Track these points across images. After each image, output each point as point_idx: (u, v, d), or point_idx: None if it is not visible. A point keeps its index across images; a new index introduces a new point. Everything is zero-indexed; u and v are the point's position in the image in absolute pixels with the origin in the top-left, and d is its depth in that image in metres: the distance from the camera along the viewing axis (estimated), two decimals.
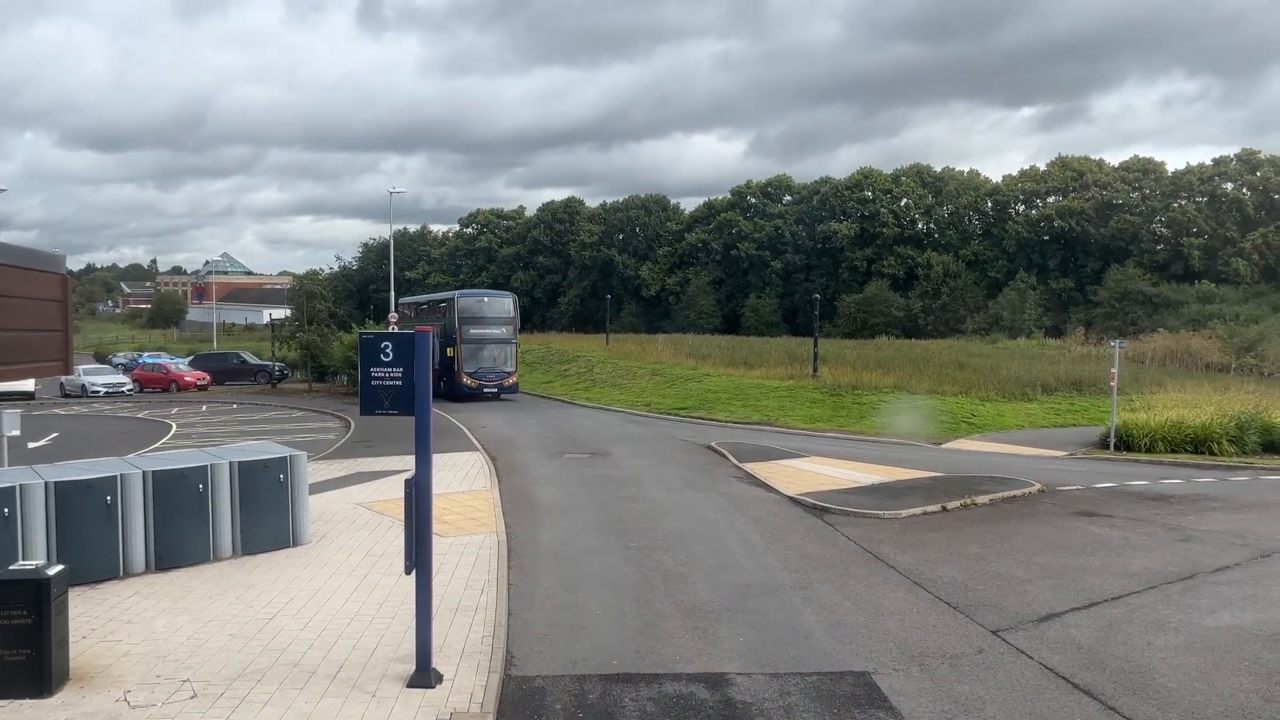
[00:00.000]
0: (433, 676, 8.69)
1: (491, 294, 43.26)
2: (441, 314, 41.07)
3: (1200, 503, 18.04)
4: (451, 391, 37.87)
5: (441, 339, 37.49)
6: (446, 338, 38.27)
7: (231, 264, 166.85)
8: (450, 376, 38.34)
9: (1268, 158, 73.10)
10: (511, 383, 40.17)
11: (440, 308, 42.18)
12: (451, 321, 39.12)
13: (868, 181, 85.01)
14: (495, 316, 40.11)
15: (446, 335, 38.33)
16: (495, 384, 39.18)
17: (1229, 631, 10.54)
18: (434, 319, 41.01)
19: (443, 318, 40.25)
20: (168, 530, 12.55)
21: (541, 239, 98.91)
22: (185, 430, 31.33)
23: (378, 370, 8.80)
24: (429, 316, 42.89)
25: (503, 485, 19.46)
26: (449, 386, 38.00)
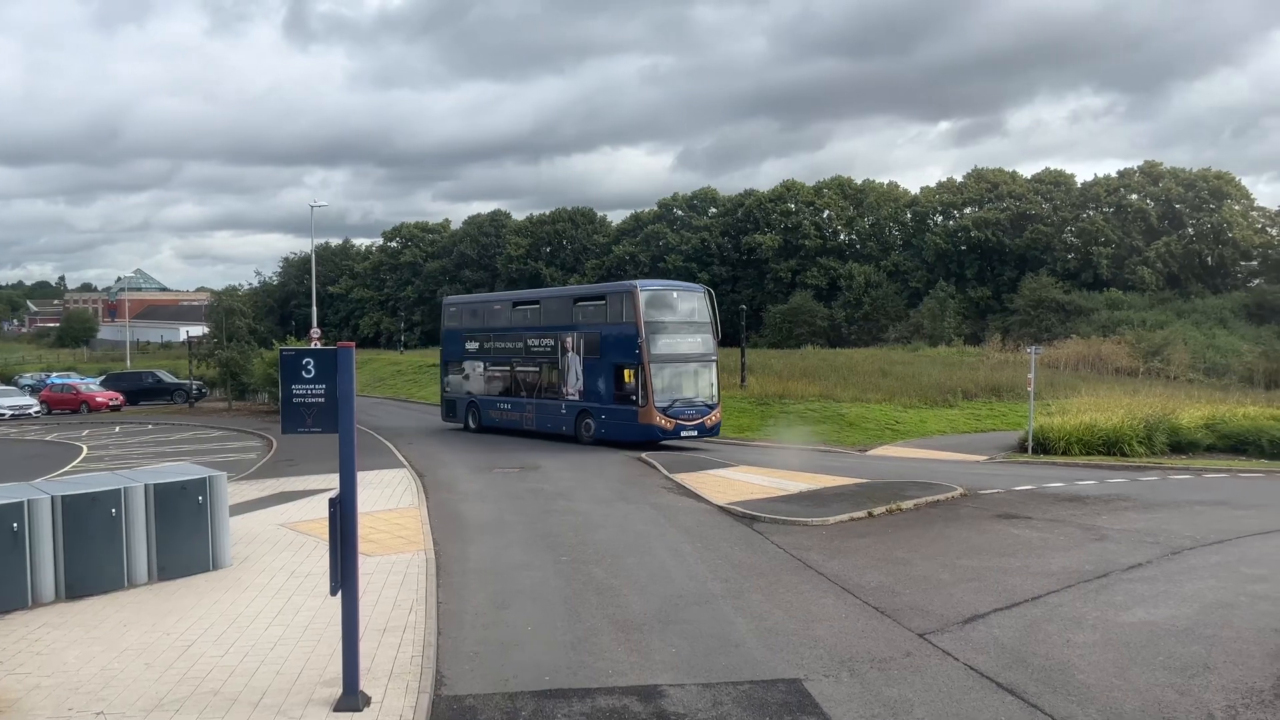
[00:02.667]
0: (360, 699, 8.51)
1: (682, 287, 29.19)
2: (591, 316, 28.13)
3: (1113, 503, 18.65)
4: (629, 433, 26.21)
5: (591, 355, 27.38)
6: (611, 352, 26.79)
7: (145, 280, 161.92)
8: (625, 411, 26.31)
9: (1169, 170, 76.23)
10: (715, 420, 27.51)
11: (595, 306, 28.47)
12: (626, 329, 26.27)
13: (790, 194, 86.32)
14: (691, 321, 27.47)
15: (610, 347, 26.80)
16: (696, 422, 26.58)
17: (1143, 627, 10.90)
18: (563, 320, 29.08)
19: (596, 322, 27.70)
20: (79, 557, 12.08)
21: (468, 252, 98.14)
22: (97, 453, 30.24)
23: (299, 387, 8.61)
24: (551, 317, 29.89)
25: (430, 502, 19.20)
26: (623, 425, 26.36)
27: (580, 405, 27.84)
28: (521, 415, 30.10)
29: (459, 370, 33.20)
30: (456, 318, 34.27)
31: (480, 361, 32.17)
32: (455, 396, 33.21)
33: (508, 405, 30.86)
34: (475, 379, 32.45)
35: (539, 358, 29.48)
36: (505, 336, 31.10)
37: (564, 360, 28.29)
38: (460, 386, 33.05)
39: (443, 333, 34.43)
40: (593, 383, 27.43)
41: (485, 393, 31.96)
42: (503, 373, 31.25)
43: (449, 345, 33.69)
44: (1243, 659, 9.85)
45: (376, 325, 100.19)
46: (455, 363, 33.35)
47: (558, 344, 28.52)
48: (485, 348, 31.83)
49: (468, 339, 32.47)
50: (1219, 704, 8.74)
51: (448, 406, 33.64)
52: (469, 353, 32.48)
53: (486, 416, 31.68)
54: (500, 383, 31.45)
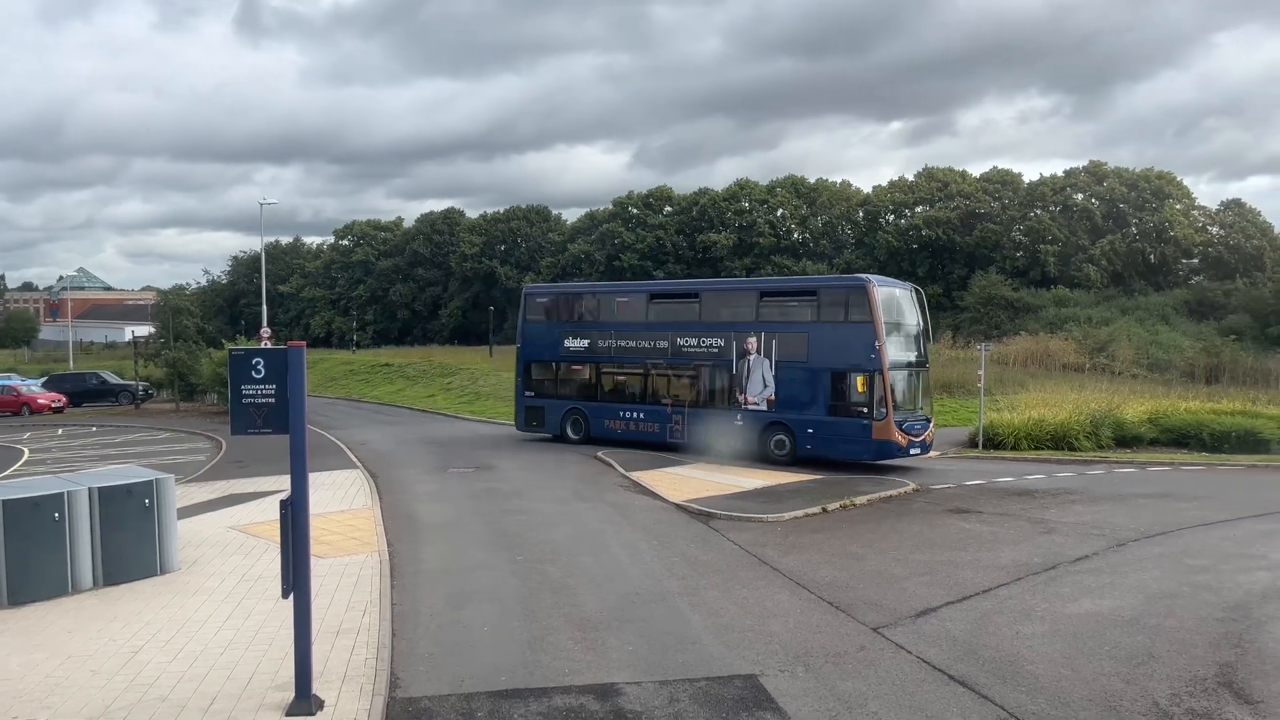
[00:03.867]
0: (313, 703, 8.40)
1: (900, 284, 25.14)
2: (791, 314, 24.39)
3: (1061, 496, 19.02)
4: (856, 449, 22.50)
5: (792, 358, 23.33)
6: (828, 355, 22.72)
7: (89, 279, 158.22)
8: (850, 425, 22.37)
9: (1113, 170, 77.89)
10: (933, 436, 24.33)
11: (800, 303, 24.52)
12: (855, 330, 22.42)
13: (744, 193, 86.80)
14: (913, 322, 24.18)
15: (827, 350, 22.78)
16: (920, 438, 23.33)
17: (1090, 618, 11.13)
18: (740, 317, 24.78)
19: (801, 320, 23.85)
20: (20, 563, 11.77)
21: (421, 251, 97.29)
22: (39, 456, 29.51)
23: (249, 388, 8.49)
24: (718, 313, 25.61)
25: (384, 503, 19.01)
26: (847, 441, 22.50)
27: (770, 417, 23.57)
28: (663, 427, 25.71)
29: (551, 372, 28.54)
30: (548, 310, 29.45)
31: (589, 363, 27.65)
32: (545, 403, 28.39)
33: (638, 414, 26.34)
34: (581, 383, 27.91)
35: (696, 360, 25.07)
36: (635, 334, 26.58)
37: (742, 364, 24.00)
38: (554, 391, 28.35)
39: (523, 327, 29.41)
40: (795, 391, 23.23)
41: (598, 399, 27.27)
42: (630, 376, 26.93)
43: (534, 342, 28.93)
44: (1186, 648, 10.10)
45: (328, 325, 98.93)
46: (545, 363, 28.65)
47: (731, 345, 24.28)
48: (601, 347, 27.26)
49: (569, 336, 27.88)
50: (1163, 692, 8.95)
51: (531, 414, 28.78)
52: (571, 352, 27.88)
53: (599, 427, 27.07)
54: (625, 388, 27.10)
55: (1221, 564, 13.56)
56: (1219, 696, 8.86)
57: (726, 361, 24.35)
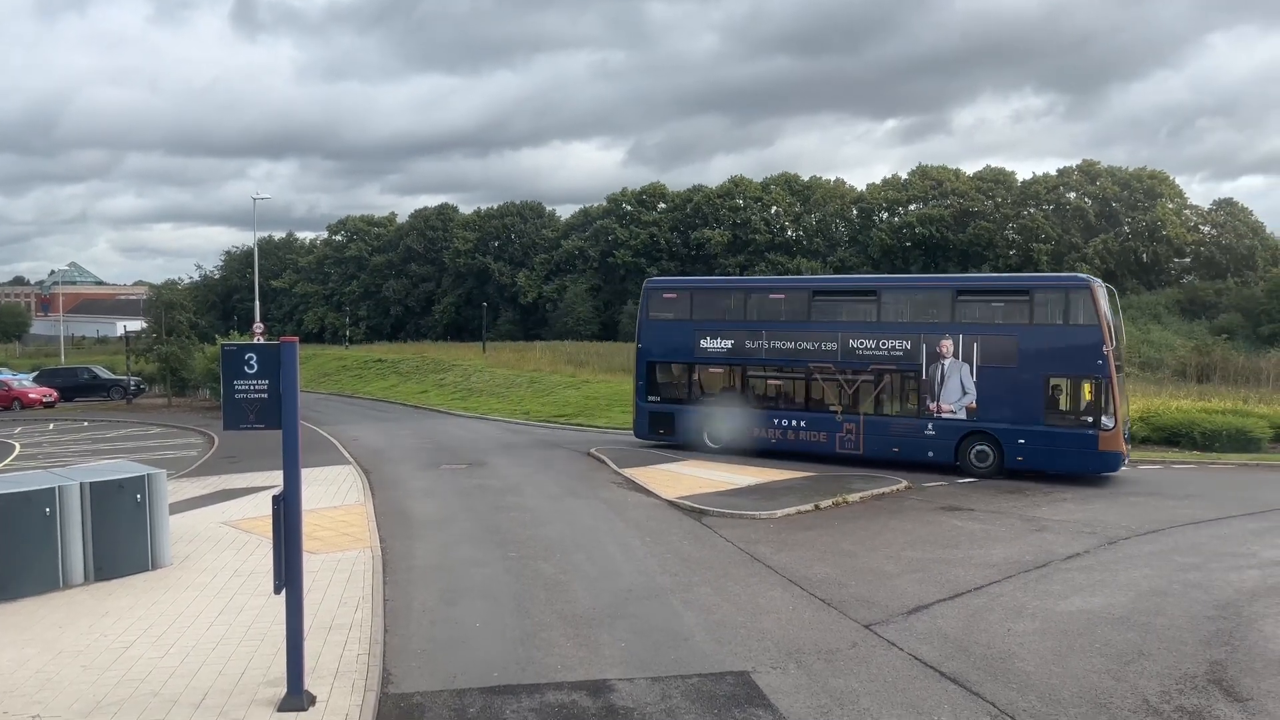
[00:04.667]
0: (305, 699, 8.40)
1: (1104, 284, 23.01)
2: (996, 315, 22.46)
3: (1053, 494, 19.08)
4: (1079, 462, 20.75)
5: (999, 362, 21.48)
6: (1044, 360, 21.06)
7: (80, 273, 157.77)
8: (1071, 436, 20.68)
9: (1106, 169, 78.17)
10: None
11: (1008, 303, 22.51)
12: (1079, 332, 20.90)
13: (739, 190, 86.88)
14: (1118, 326, 23.10)
15: (1043, 355, 21.10)
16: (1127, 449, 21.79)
17: (1080, 616, 11.17)
18: (930, 317, 22.92)
19: (1008, 321, 22.01)
20: (11, 558, 11.73)
21: (414, 246, 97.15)
22: (30, 450, 29.40)
23: (242, 383, 8.47)
24: (901, 312, 23.76)
25: (377, 499, 18.99)
26: (1068, 452, 20.78)
27: (970, 426, 21.75)
28: (832, 436, 23.32)
29: (683, 375, 25.90)
30: (678, 307, 26.44)
31: (734, 365, 24.92)
32: (674, 408, 25.66)
33: (798, 422, 23.81)
34: (723, 387, 25.27)
35: (873, 363, 22.93)
36: (794, 334, 24.03)
37: (934, 368, 22.11)
38: (686, 396, 25.68)
39: (644, 324, 26.46)
40: (1002, 399, 21.42)
41: (744, 405, 24.66)
42: (788, 381, 24.39)
43: (660, 342, 26.10)
44: (1176, 646, 10.15)
45: (321, 320, 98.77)
46: (675, 364, 25.97)
47: (919, 347, 22.31)
48: (750, 348, 24.63)
49: (707, 335, 25.19)
50: (1153, 690, 8.99)
51: (656, 420, 25.90)
52: (710, 353, 25.19)
53: (746, 435, 24.55)
54: (781, 393, 24.60)
55: (1212, 562, 13.62)
56: (1209, 694, 8.90)
57: (913, 365, 22.43)
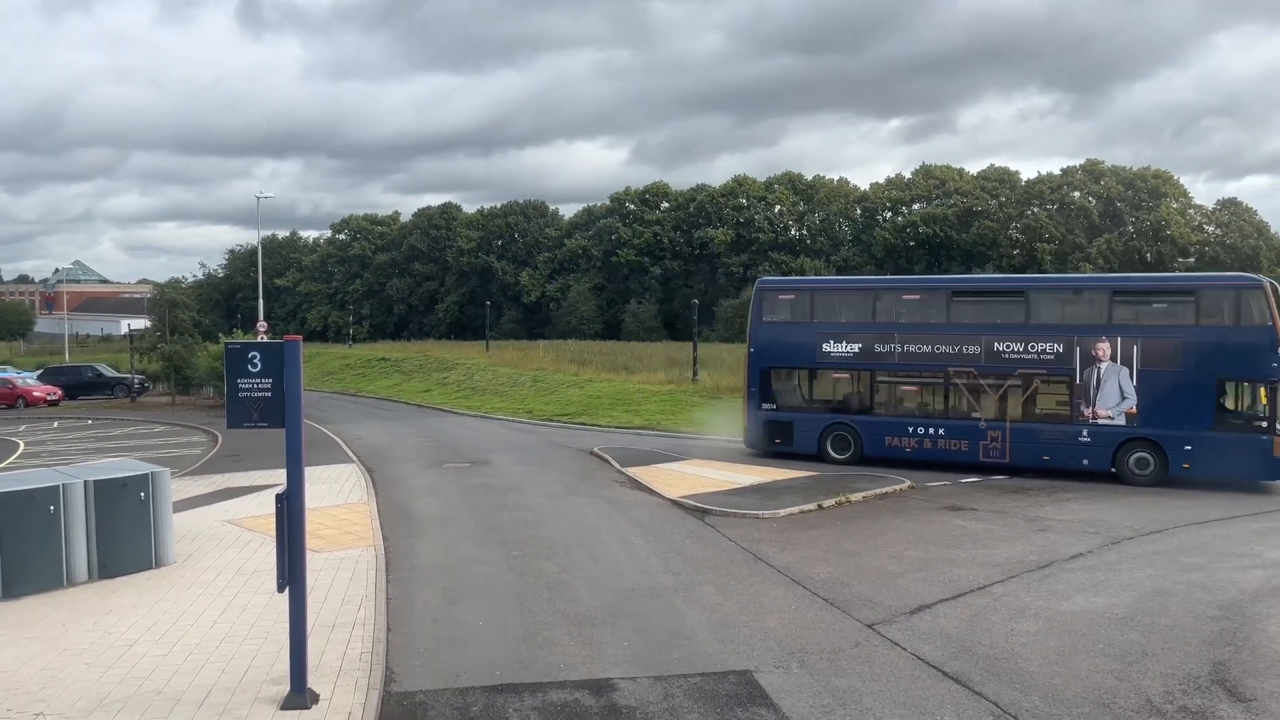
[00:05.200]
0: (308, 697, 8.41)
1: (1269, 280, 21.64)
2: (1158, 316, 21.73)
3: (1056, 494, 19.05)
4: (1254, 469, 20.03)
5: (1163, 365, 20.59)
6: (1213, 363, 20.23)
7: (85, 272, 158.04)
8: (1243, 443, 19.90)
9: (1110, 168, 78.02)
10: None
11: (1172, 304, 21.77)
12: (1250, 334, 20.14)
13: (742, 189, 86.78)
14: None
15: (1212, 358, 20.25)
16: None
17: (1084, 616, 11.16)
18: (1083, 319, 21.93)
19: (1173, 323, 21.24)
20: (15, 556, 11.76)
21: (418, 245, 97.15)
22: (35, 449, 29.46)
23: (246, 381, 8.49)
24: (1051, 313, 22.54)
25: (380, 498, 19.01)
26: (1240, 460, 19.98)
27: (1130, 432, 20.79)
28: (974, 444, 22.06)
29: (803, 380, 24.31)
30: (796, 309, 24.84)
31: (862, 370, 23.50)
32: (793, 417, 23.93)
33: (937, 430, 22.46)
34: (848, 394, 23.81)
35: (1020, 367, 21.75)
36: (930, 337, 22.68)
37: (1089, 372, 21.10)
38: (806, 403, 24.14)
39: (757, 328, 24.60)
40: (1166, 404, 20.49)
41: (875, 412, 23.28)
42: (924, 386, 23.07)
43: (775, 346, 24.34)
44: (1180, 646, 10.14)
45: (324, 319, 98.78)
46: (793, 370, 24.35)
47: (1073, 350, 21.29)
48: (880, 351, 23.11)
49: (830, 339, 23.53)
50: (1157, 690, 8.98)
51: (772, 429, 24.10)
52: (833, 358, 23.56)
53: (877, 445, 23.04)
54: (916, 400, 23.38)
55: (1216, 562, 13.60)
56: (1212, 694, 8.89)
57: (1065, 369, 21.43)
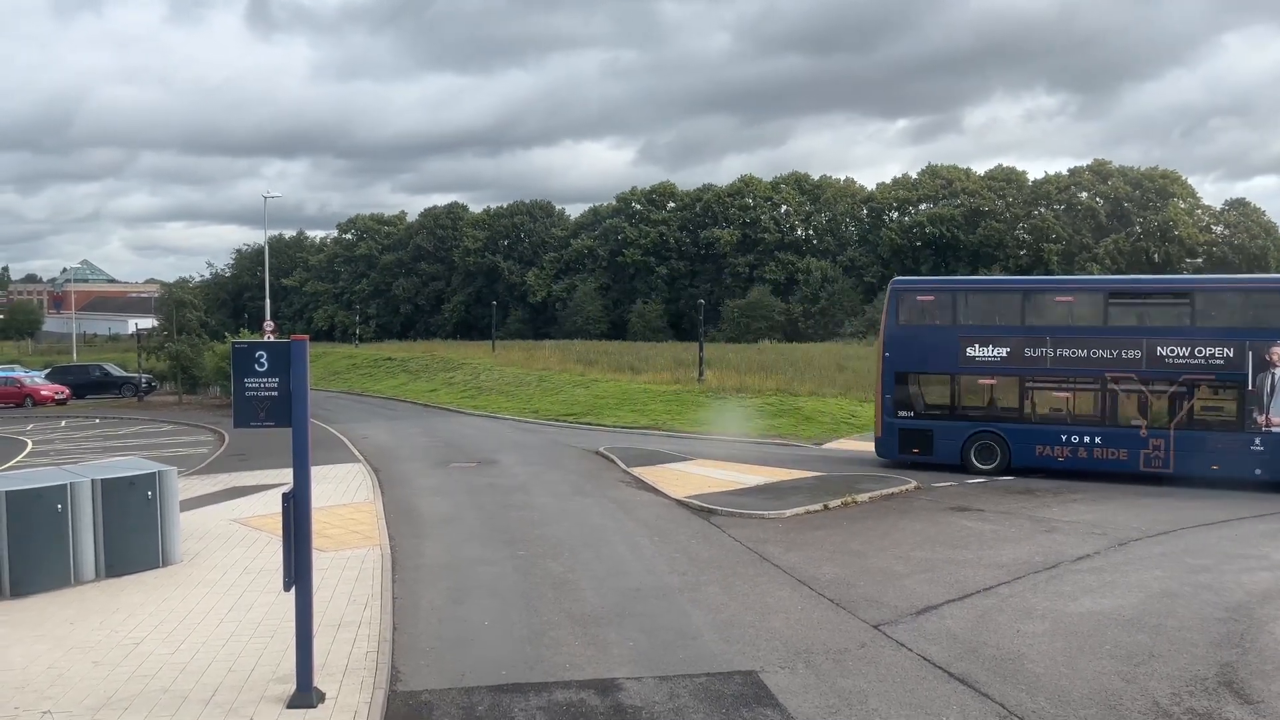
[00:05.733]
0: (314, 696, 8.43)
1: None
2: None
3: (1063, 495, 19.00)
4: None
5: None
6: None
7: (92, 271, 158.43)
8: None
9: (1117, 169, 77.79)
10: None
11: None
12: None
13: (748, 189, 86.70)
14: None
15: None
16: None
17: (1090, 617, 11.13)
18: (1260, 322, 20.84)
19: None
20: (23, 554, 11.80)
21: (424, 245, 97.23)
22: (42, 447, 29.56)
23: (252, 381, 8.50)
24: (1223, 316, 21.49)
25: (386, 497, 19.03)
26: None
27: None
28: (1134, 453, 20.98)
29: (943, 386, 22.86)
30: (934, 311, 23.61)
31: (1009, 375, 22.16)
32: (933, 425, 22.59)
33: (1093, 439, 21.25)
34: (994, 400, 22.49)
35: (1186, 373, 20.76)
36: (1085, 340, 21.55)
37: (1263, 378, 20.13)
38: (947, 410, 22.63)
39: (892, 331, 23.06)
40: None
41: (1024, 420, 22.03)
42: (1079, 393, 21.85)
43: (912, 350, 22.86)
44: (1187, 647, 10.10)
45: (331, 318, 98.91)
46: (931, 375, 22.90)
47: (1245, 354, 20.30)
48: (1029, 356, 21.87)
49: (974, 342, 22.23)
50: (1164, 692, 8.95)
51: (909, 438, 22.76)
52: (978, 362, 22.19)
53: (1026, 454, 21.74)
54: (1071, 407, 21.99)
55: (1223, 564, 13.55)
56: (1219, 696, 8.86)
57: (1236, 375, 20.44)
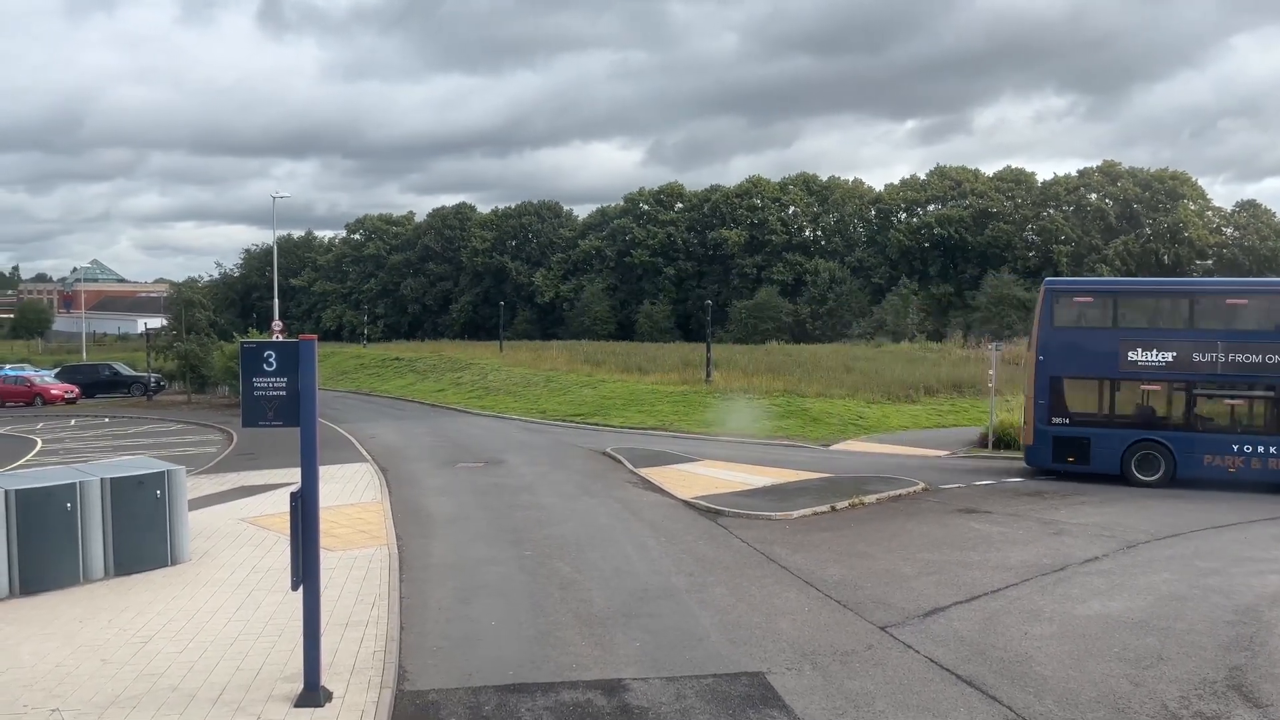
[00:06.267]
0: (322, 695, 8.45)
1: None
2: None
3: (1071, 497, 18.94)
4: None
5: None
6: None
7: (102, 271, 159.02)
8: None
9: (1127, 170, 77.55)
10: None
11: None
12: None
13: (756, 190, 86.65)
14: None
15: None
16: None
17: (1098, 620, 11.09)
18: None
19: None
20: (33, 552, 11.85)
21: (432, 245, 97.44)
22: (52, 446, 29.68)
23: (261, 380, 8.52)
24: None
25: (393, 497, 19.07)
26: None
27: None
28: None
29: (1102, 392, 21.78)
30: (1093, 312, 22.53)
31: (1175, 382, 21.16)
32: (1090, 433, 21.42)
33: (1266, 449, 20.34)
34: (1159, 407, 21.45)
35: None
36: (1262, 345, 20.60)
37: None
38: (1106, 417, 21.59)
39: (1047, 333, 21.88)
40: None
41: (1191, 428, 20.97)
42: (1256, 401, 20.77)
43: (1068, 353, 21.71)
44: (1196, 650, 10.06)
45: (339, 318, 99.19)
46: (1089, 380, 21.80)
47: None
48: (1201, 361, 20.85)
49: (1138, 346, 21.17)
50: (1172, 695, 8.92)
51: (1064, 446, 21.57)
52: (1139, 368, 21.14)
53: (1193, 464, 20.73)
54: (1246, 415, 21.10)
55: (1232, 567, 13.50)
56: (1228, 699, 8.83)
57: None
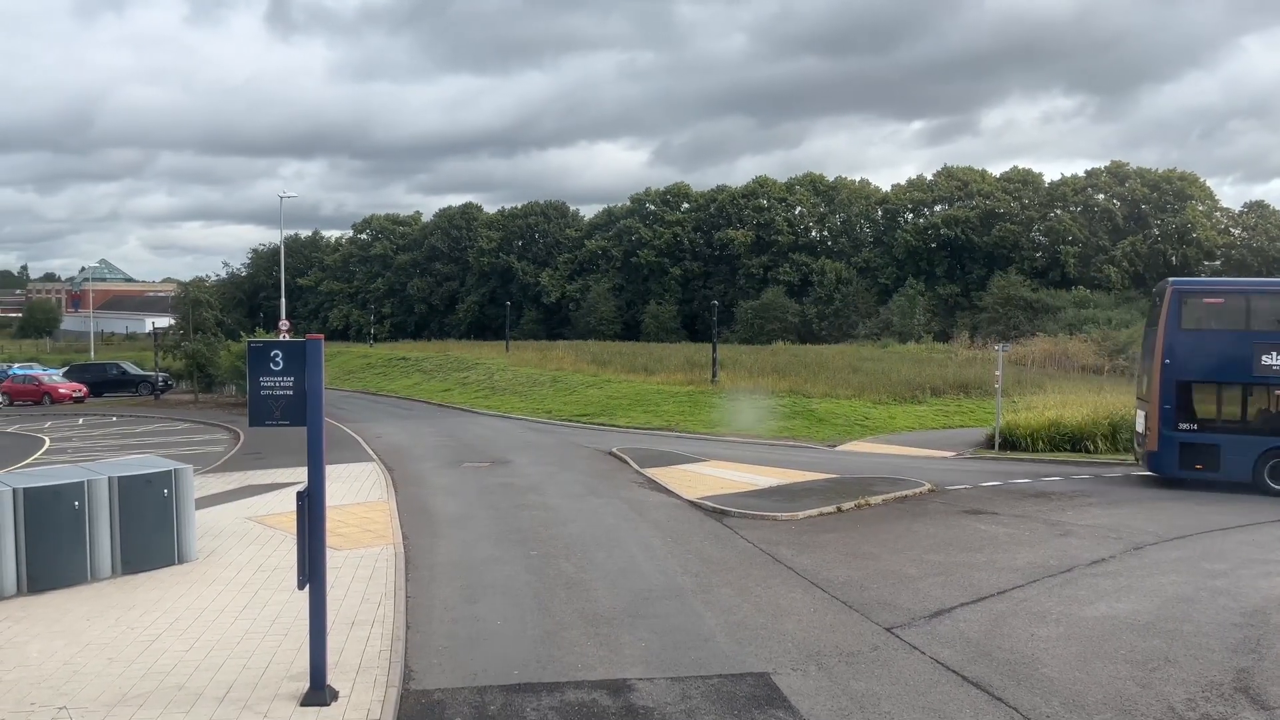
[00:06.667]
0: (328, 694, 8.46)
1: None
2: None
3: (1078, 499, 18.90)
4: None
5: None
6: None
7: (110, 270, 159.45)
8: None
9: (1135, 170, 77.28)
10: None
11: None
12: None
13: (763, 190, 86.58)
14: None
15: None
16: None
17: (1105, 621, 11.07)
18: None
19: None
20: (41, 550, 11.90)
21: (439, 245, 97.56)
22: (60, 445, 29.79)
23: (268, 380, 8.54)
24: None
25: (400, 496, 19.10)
26: None
27: None
28: None
29: (1234, 398, 20.57)
30: (1224, 314, 21.22)
31: None
32: (1220, 439, 20.22)
33: None
34: None
35: None
36: None
37: None
38: (1239, 424, 20.35)
39: (1172, 335, 20.71)
40: None
41: None
42: None
43: (1196, 357, 20.57)
44: (1203, 653, 10.03)
45: (346, 318, 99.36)
46: (1220, 385, 20.60)
47: None
48: None
49: (1271, 350, 19.98)
50: (1179, 697, 8.89)
51: (1191, 452, 20.42)
52: (1274, 371, 19.93)
53: None
54: None
55: (1240, 569, 13.46)
56: (1235, 702, 8.80)
57: None
